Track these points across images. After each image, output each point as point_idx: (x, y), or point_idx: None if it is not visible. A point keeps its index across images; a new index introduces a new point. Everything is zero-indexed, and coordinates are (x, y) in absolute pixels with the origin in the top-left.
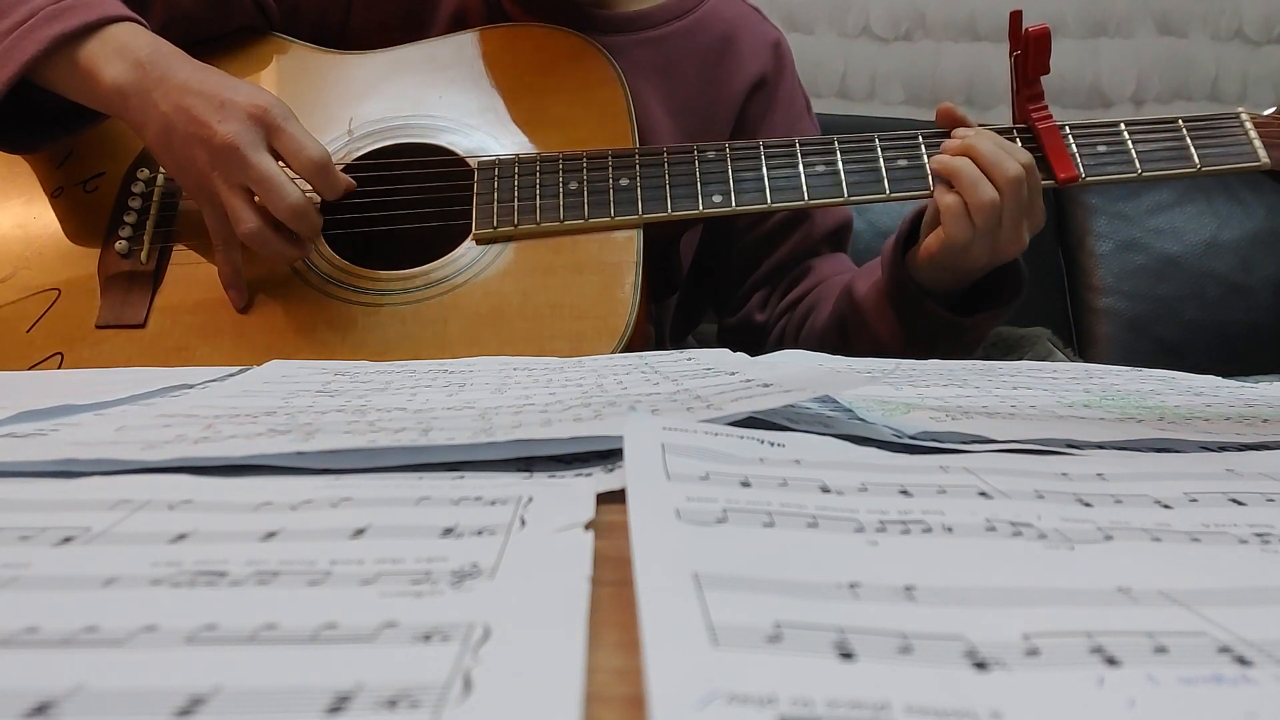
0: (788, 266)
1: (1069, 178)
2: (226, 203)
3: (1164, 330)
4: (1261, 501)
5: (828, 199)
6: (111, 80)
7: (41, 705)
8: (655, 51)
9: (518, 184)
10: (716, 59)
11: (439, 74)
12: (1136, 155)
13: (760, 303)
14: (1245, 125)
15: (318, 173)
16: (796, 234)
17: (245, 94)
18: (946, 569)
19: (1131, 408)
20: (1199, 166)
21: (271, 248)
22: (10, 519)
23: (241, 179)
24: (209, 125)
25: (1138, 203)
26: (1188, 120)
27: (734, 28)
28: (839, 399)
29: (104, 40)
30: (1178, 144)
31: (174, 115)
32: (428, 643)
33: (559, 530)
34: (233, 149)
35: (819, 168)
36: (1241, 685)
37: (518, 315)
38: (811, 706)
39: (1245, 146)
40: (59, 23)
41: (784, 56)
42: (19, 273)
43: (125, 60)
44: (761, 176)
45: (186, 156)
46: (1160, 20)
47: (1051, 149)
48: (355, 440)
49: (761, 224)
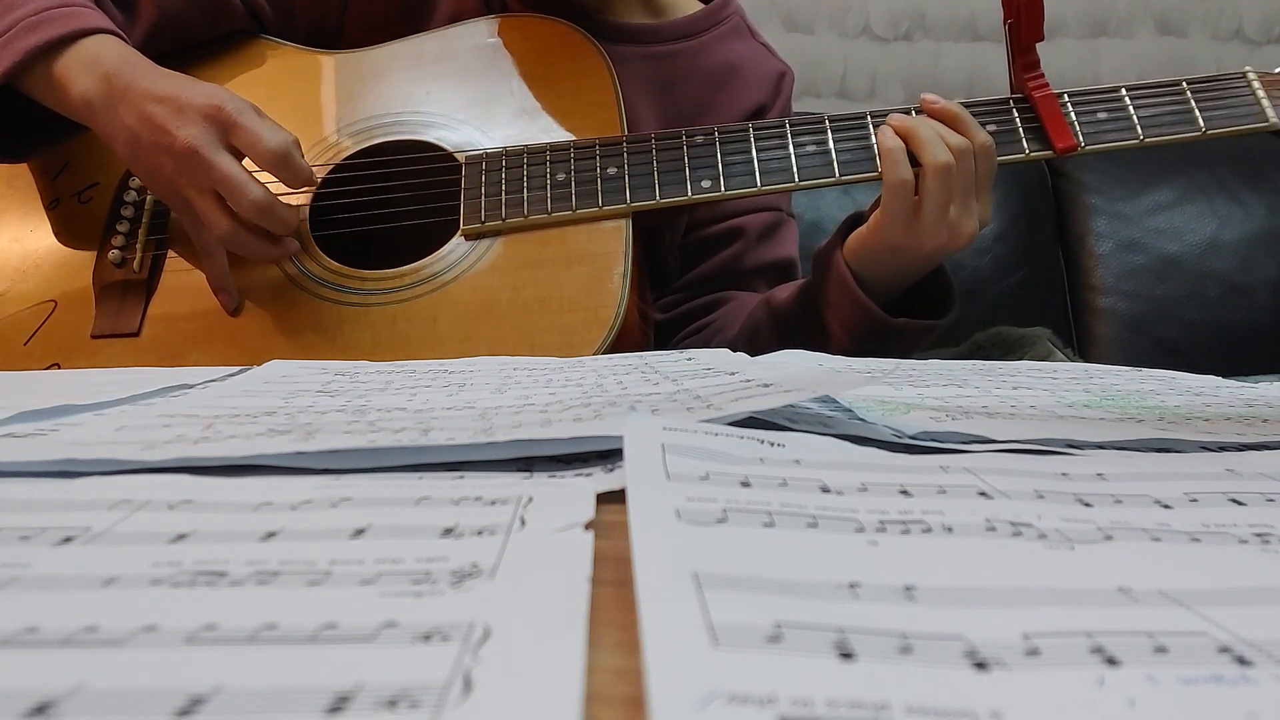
0: (710, 282)
1: (1067, 147)
2: (197, 207)
3: (1164, 330)
4: (1261, 501)
5: (819, 180)
6: (80, 94)
7: (41, 705)
8: (657, 67)
9: (505, 177)
10: (718, 85)
11: (426, 69)
12: (1138, 120)
13: (669, 305)
14: (1253, 84)
15: (279, 164)
16: (728, 250)
17: (200, 95)
18: (946, 569)
19: (1131, 408)
20: (1204, 129)
21: (249, 248)
22: (10, 519)
23: (206, 182)
24: (169, 132)
25: (1138, 203)
26: (1192, 82)
27: (742, 58)
28: (839, 399)
29: (75, 53)
30: (1181, 107)
31: (138, 126)
32: (428, 643)
33: (559, 530)
34: (193, 153)
35: (809, 148)
36: (1241, 685)
37: (507, 310)
38: (811, 706)
39: (1253, 107)
40: (36, 34)
41: (785, 89)
42: (16, 285)
43: (93, 73)
44: (751, 159)
45: (154, 165)
46: (1160, 20)
47: (1048, 118)
48: (355, 440)
49: (699, 230)
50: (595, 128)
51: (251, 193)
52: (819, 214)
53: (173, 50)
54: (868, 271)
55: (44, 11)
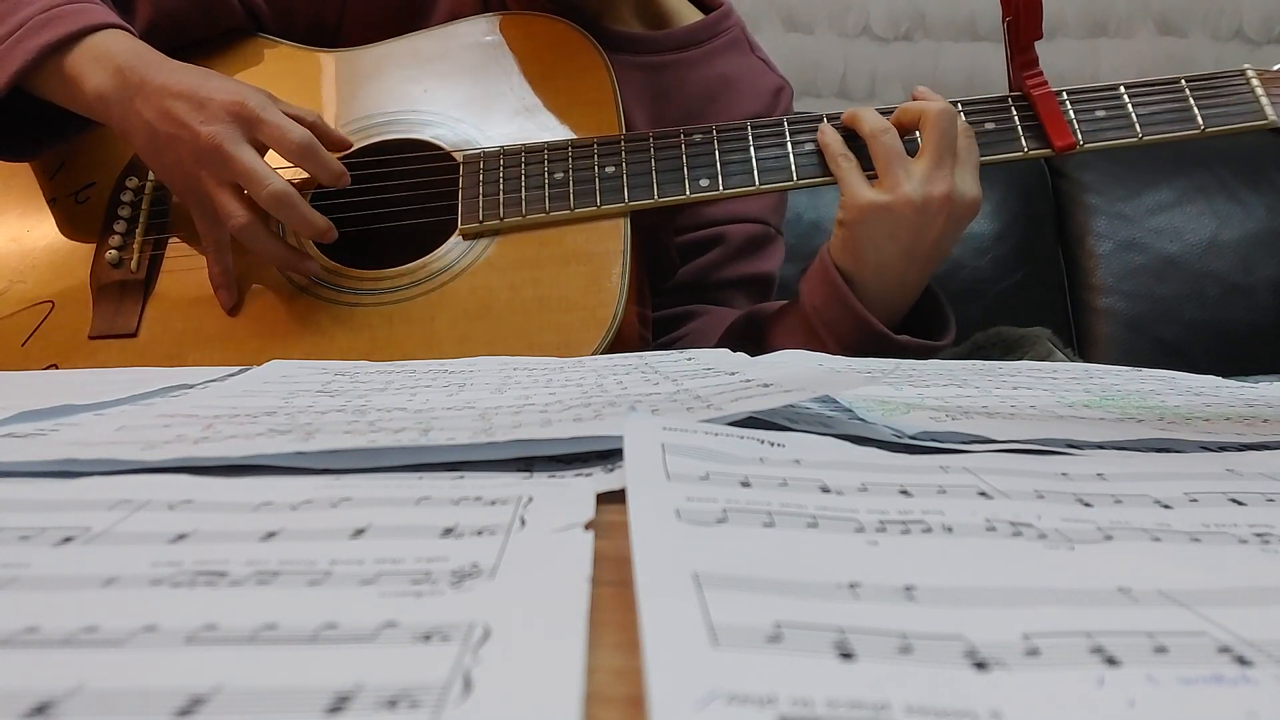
0: (684, 291)
1: (1066, 145)
2: (216, 200)
3: (1164, 330)
4: (1261, 501)
5: (817, 178)
6: (94, 89)
7: (41, 705)
8: (652, 77)
9: (503, 176)
10: (712, 98)
11: (424, 68)
12: (1137, 118)
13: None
14: (1251, 82)
15: (305, 156)
16: (706, 257)
17: (223, 91)
18: (946, 569)
19: (1131, 408)
20: (1203, 127)
21: (264, 243)
22: (10, 519)
23: (228, 175)
24: (191, 127)
25: (1138, 203)
26: (1190, 79)
27: (738, 72)
28: (839, 399)
29: (86, 49)
30: (1180, 105)
31: (156, 121)
32: (428, 643)
33: (559, 530)
34: (215, 148)
35: (808, 146)
36: (1241, 685)
37: (505, 310)
38: (811, 706)
39: (1252, 105)
40: (46, 32)
41: (783, 103)
42: (14, 286)
43: (105, 68)
44: (749, 158)
45: (173, 160)
46: (1160, 20)
47: (1047, 116)
48: (355, 440)
49: (679, 235)
50: (593, 126)
51: (271, 181)
52: (819, 214)
53: (170, 48)
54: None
55: (53, 9)
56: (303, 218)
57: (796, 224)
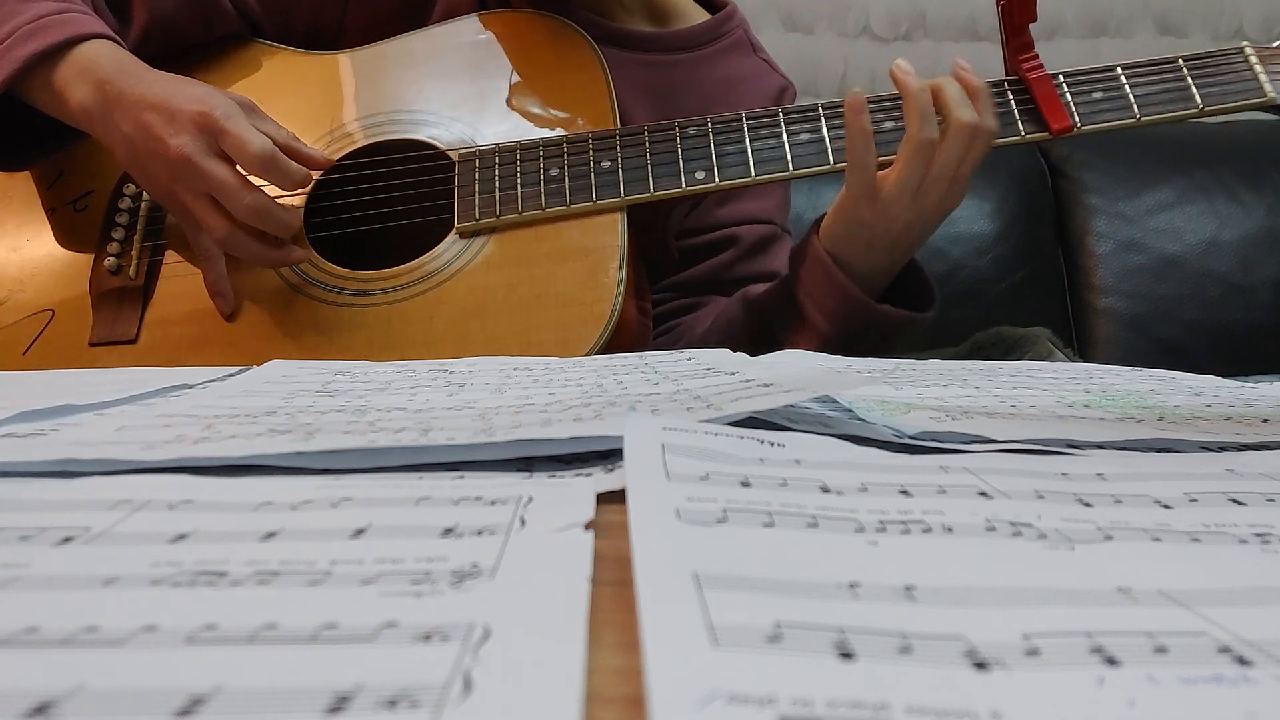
0: (696, 286)
1: (1063, 128)
2: (195, 212)
3: (1164, 330)
4: (1261, 501)
5: (813, 168)
6: (78, 103)
7: (41, 705)
8: (653, 75)
9: (498, 174)
10: (715, 99)
11: (419, 67)
12: (1134, 99)
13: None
14: (1250, 59)
15: (265, 168)
16: (719, 257)
17: (190, 101)
18: (946, 569)
19: (1131, 408)
20: (1201, 106)
21: (249, 250)
22: (10, 519)
23: (202, 188)
24: (163, 140)
25: (1138, 203)
26: (1188, 59)
27: (742, 73)
28: (839, 399)
29: (72, 61)
30: (1178, 84)
31: (134, 134)
32: (428, 643)
33: (559, 530)
34: (186, 161)
35: (803, 136)
36: (1241, 685)
37: (503, 307)
38: (811, 706)
39: (1250, 81)
40: (33, 42)
41: (786, 102)
42: (14, 296)
43: (88, 81)
44: (745, 149)
45: (152, 172)
46: (1160, 20)
47: (1044, 99)
48: (355, 440)
49: (692, 237)
50: (588, 121)
51: (246, 196)
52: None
53: (166, 54)
54: (847, 253)
55: (41, 19)
56: (282, 223)
57: (796, 224)
